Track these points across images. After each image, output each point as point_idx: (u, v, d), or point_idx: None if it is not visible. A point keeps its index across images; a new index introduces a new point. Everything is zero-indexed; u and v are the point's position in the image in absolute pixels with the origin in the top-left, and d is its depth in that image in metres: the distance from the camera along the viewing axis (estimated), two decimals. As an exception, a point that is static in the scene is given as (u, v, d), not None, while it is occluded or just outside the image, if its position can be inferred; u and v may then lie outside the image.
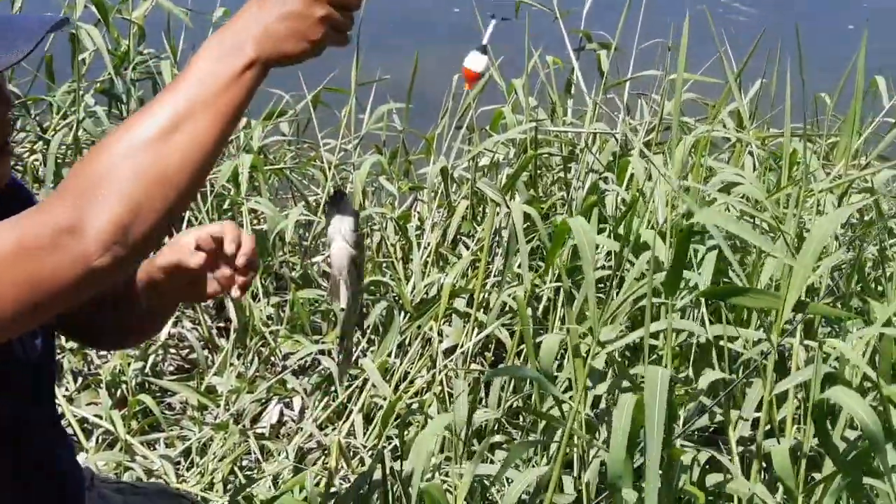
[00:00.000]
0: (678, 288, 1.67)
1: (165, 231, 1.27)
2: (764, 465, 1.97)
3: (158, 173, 1.20)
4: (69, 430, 2.60)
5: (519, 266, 2.61)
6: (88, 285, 1.19)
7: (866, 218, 2.55)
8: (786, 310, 1.60)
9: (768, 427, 1.80)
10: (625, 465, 1.60)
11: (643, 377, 1.64)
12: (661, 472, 1.74)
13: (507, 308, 2.76)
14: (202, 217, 3.14)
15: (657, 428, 1.47)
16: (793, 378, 1.80)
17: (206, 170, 1.22)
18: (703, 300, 1.94)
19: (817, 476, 1.79)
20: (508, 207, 2.63)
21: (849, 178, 2.22)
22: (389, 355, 2.75)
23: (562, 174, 3.17)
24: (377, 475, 1.98)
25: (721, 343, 1.96)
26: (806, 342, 1.89)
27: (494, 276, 2.80)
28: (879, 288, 2.29)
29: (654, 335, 2.22)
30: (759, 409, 1.94)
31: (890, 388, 1.71)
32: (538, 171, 3.15)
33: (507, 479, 2.04)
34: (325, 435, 2.62)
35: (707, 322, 1.96)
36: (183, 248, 1.54)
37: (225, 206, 3.35)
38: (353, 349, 1.60)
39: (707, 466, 1.94)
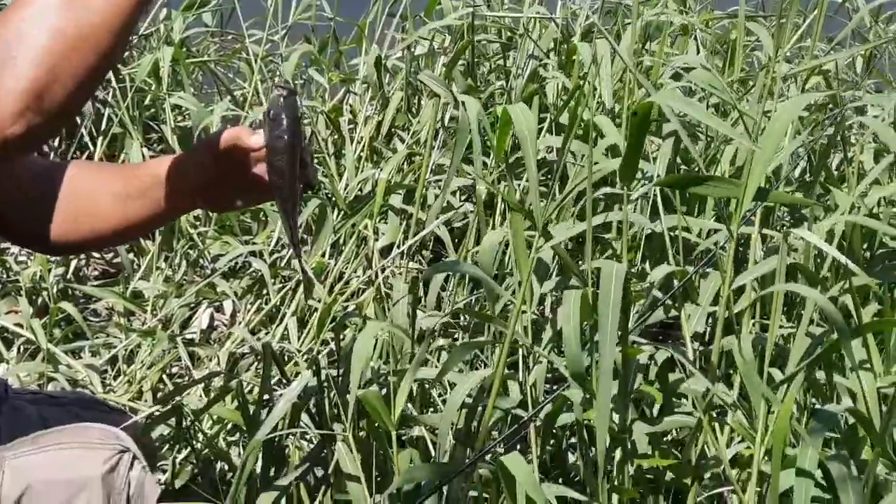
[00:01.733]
0: (635, 177, 1.56)
1: (84, 100, 1.21)
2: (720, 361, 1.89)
3: (75, 35, 1.13)
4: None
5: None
6: (1, 156, 1.14)
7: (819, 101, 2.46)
8: (746, 198, 1.49)
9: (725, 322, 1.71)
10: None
11: (594, 271, 1.54)
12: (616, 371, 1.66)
13: (445, 204, 2.65)
14: (122, 114, 2.99)
15: (611, 328, 1.37)
16: (755, 269, 1.71)
17: (125, 32, 1.16)
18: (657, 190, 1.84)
19: (775, 372, 1.70)
20: (455, 100, 2.49)
21: (815, 63, 2.11)
22: (323, 256, 2.64)
23: (500, 62, 3.04)
24: (313, 382, 1.88)
25: (675, 234, 1.86)
26: (764, 231, 1.81)
27: (433, 171, 2.68)
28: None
29: (607, 228, 2.12)
30: (714, 302, 1.86)
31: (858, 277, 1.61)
32: (475, 60, 3.02)
33: (450, 382, 1.95)
34: (258, 340, 2.51)
35: (661, 212, 1.86)
36: (232, 130, 1.42)
37: (146, 103, 3.19)
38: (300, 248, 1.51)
39: (659, 364, 1.86)
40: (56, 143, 3.11)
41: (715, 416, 1.71)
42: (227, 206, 1.56)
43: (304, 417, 1.93)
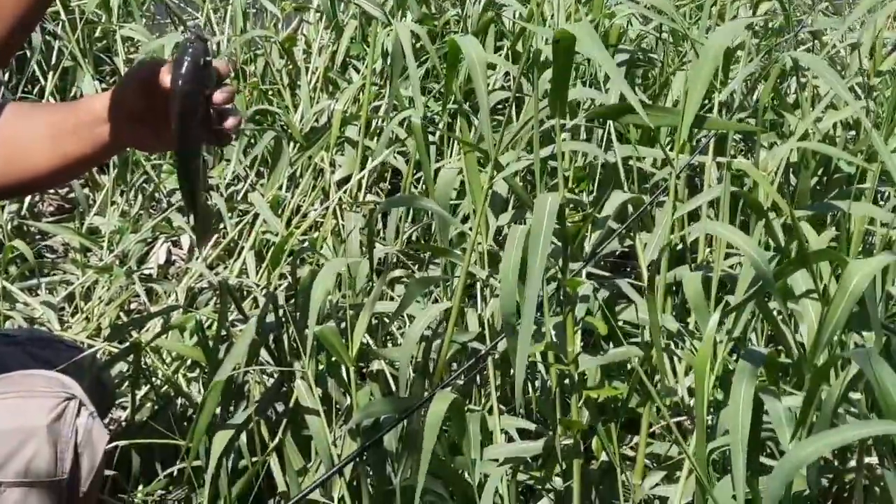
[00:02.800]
0: (565, 107, 1.54)
1: (25, 35, 1.21)
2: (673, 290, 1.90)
3: None
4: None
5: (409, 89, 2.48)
6: None
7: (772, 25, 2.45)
8: (685, 126, 1.49)
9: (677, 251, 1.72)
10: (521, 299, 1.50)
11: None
12: (561, 303, 1.66)
13: (401, 134, 2.63)
14: (72, 47, 2.94)
15: (540, 257, 1.36)
16: (700, 197, 1.71)
17: None
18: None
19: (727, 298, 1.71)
20: (390, 23, 2.47)
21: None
22: (280, 188, 2.62)
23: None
24: (271, 318, 1.87)
25: (630, 163, 1.86)
26: (719, 159, 1.81)
27: (387, 101, 2.66)
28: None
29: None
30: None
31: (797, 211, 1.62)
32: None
33: (408, 315, 1.95)
34: (216, 274, 2.50)
35: (615, 142, 1.85)
36: (156, 63, 1.39)
37: (97, 35, 3.15)
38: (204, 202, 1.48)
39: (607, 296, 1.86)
40: (6, 78, 3.06)
41: (672, 345, 1.72)
42: (168, 140, 1.52)
43: (264, 353, 1.93)
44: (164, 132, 1.42)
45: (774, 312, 1.53)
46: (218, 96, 1.35)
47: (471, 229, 1.78)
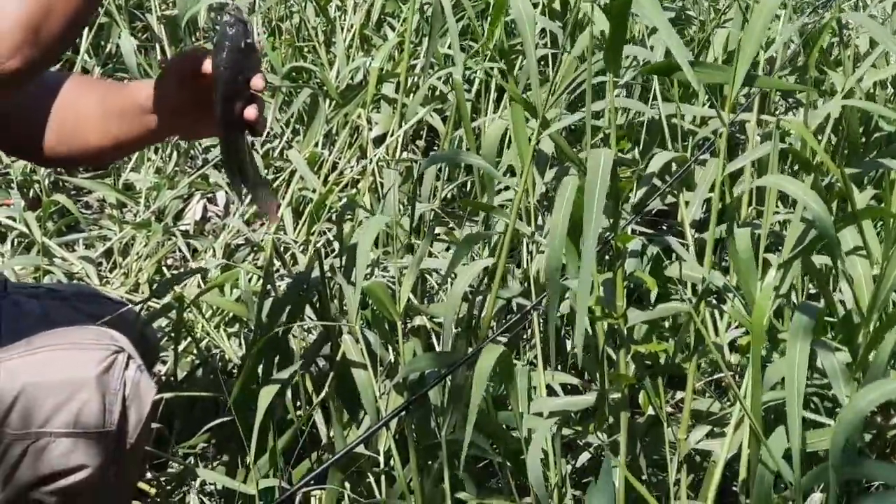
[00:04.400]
0: (620, 64, 1.54)
1: (79, 31, 1.25)
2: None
3: None
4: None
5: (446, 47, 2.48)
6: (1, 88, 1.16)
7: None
8: (736, 84, 1.48)
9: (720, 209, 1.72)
10: (568, 253, 1.51)
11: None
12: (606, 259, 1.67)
13: (437, 92, 2.63)
14: (107, 3, 2.94)
15: (596, 212, 1.37)
16: (748, 155, 1.71)
17: None
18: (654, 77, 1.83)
19: (772, 258, 1.71)
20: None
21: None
22: (316, 146, 2.63)
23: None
24: (314, 274, 1.88)
25: (673, 121, 1.86)
26: (763, 117, 1.81)
27: (423, 58, 2.66)
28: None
29: (597, 117, 2.11)
30: (712, 189, 1.87)
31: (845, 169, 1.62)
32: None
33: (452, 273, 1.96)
34: (253, 231, 2.51)
35: (660, 99, 1.85)
36: (193, 50, 1.40)
37: (132, -8, 3.15)
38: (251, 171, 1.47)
39: (655, 252, 1.87)
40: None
41: (714, 302, 1.73)
42: (209, 126, 1.51)
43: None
44: (205, 120, 1.43)
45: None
46: (257, 82, 1.37)
47: (515, 185, 1.79)
